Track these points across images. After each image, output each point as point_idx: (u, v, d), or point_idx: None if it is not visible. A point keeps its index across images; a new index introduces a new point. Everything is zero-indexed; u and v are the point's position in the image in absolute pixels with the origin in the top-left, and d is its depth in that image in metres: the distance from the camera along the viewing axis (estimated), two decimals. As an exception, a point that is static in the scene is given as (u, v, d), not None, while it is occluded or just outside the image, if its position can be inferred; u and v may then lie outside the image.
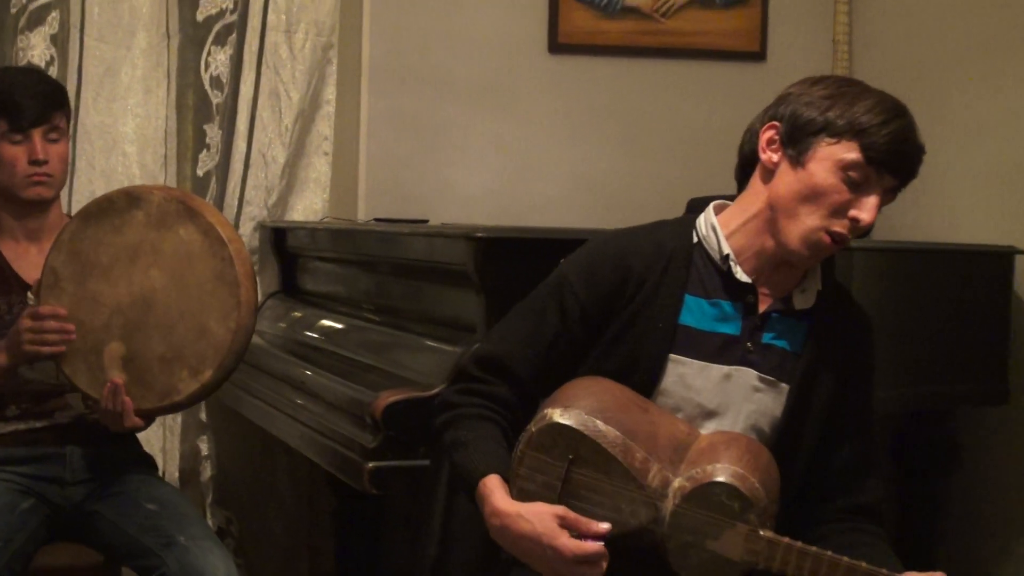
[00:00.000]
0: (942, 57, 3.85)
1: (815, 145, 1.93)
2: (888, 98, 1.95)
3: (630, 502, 1.86)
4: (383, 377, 2.71)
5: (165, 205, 2.57)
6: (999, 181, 3.62)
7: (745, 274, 1.99)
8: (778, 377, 2.00)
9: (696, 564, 1.83)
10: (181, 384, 2.54)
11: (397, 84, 3.92)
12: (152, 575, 2.57)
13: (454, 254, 2.66)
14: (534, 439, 1.90)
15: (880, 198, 1.93)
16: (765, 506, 1.83)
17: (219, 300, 2.53)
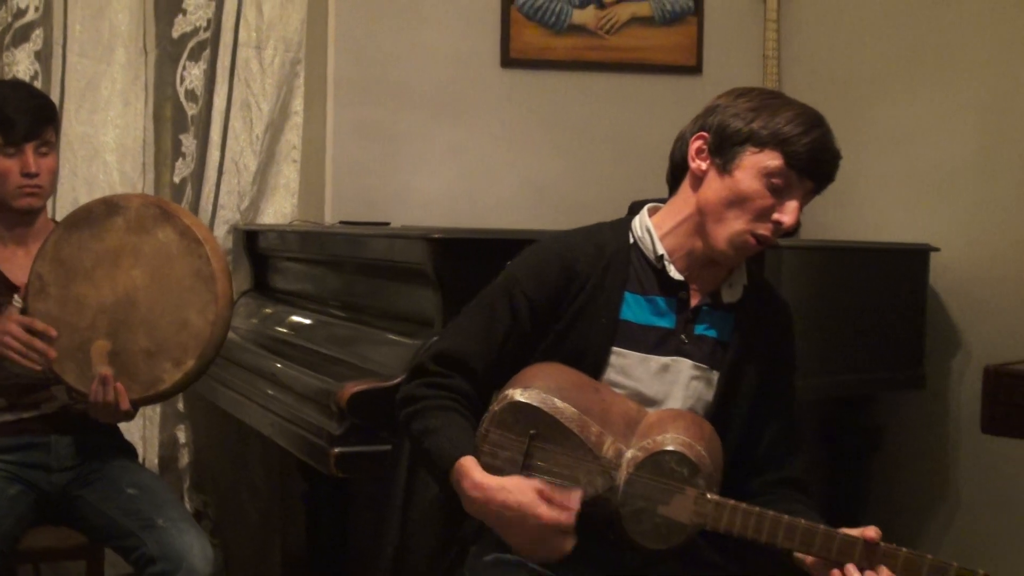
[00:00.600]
0: (863, 70, 3.87)
1: (740, 154, 1.94)
2: (808, 109, 1.96)
3: (587, 472, 1.87)
4: (348, 369, 2.70)
5: (143, 210, 2.59)
6: (916, 184, 3.65)
7: (678, 272, 2.01)
8: (710, 365, 2.02)
9: (649, 528, 1.84)
10: (165, 374, 2.55)
11: (360, 96, 3.91)
12: (133, 555, 2.56)
13: (413, 254, 2.66)
14: (496, 417, 1.91)
15: (800, 201, 1.95)
16: (711, 472, 1.85)
17: (197, 295, 2.54)
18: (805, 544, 1.83)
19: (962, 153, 3.48)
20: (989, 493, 3.42)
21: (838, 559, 1.82)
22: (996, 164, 3.37)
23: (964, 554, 3.47)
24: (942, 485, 3.57)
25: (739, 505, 1.84)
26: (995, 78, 3.39)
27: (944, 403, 3.54)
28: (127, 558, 2.60)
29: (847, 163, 4.07)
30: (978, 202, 3.42)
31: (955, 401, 3.51)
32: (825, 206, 3.95)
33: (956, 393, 3.51)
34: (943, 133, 3.56)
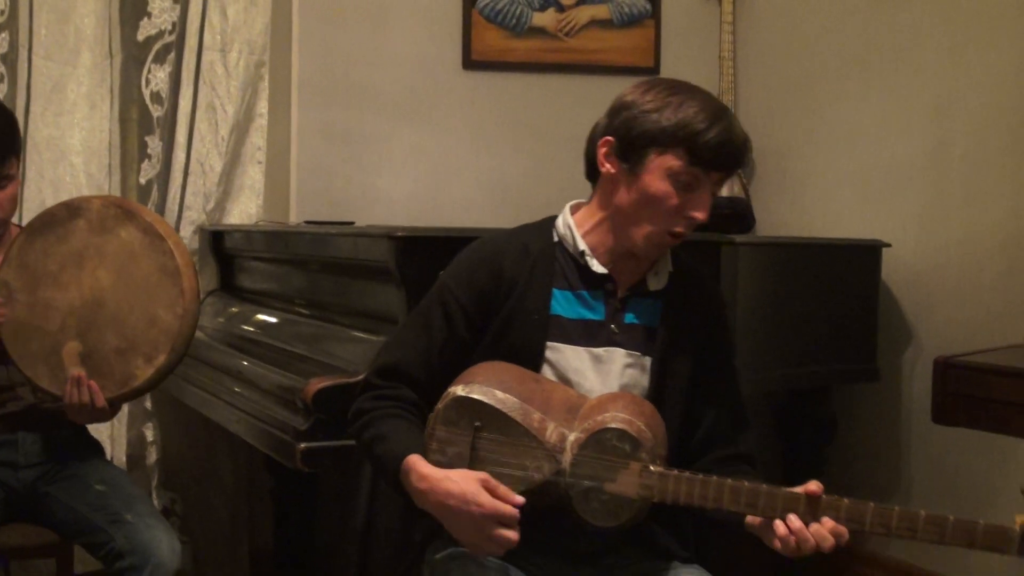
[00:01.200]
0: (817, 71, 3.91)
1: (646, 157, 1.95)
2: (709, 103, 1.97)
3: (534, 459, 1.89)
4: (313, 365, 2.71)
5: (104, 211, 2.58)
6: (868, 182, 3.68)
7: (601, 265, 2.03)
8: (642, 352, 2.03)
9: (598, 507, 1.86)
10: (138, 371, 2.55)
11: (324, 98, 3.92)
12: (102, 550, 2.55)
13: (376, 252, 2.67)
14: (441, 414, 1.93)
15: (711, 192, 1.97)
16: (653, 446, 1.86)
17: (164, 290, 2.54)
18: (750, 505, 1.84)
19: (912, 152, 3.52)
20: (940, 481, 3.46)
21: (784, 516, 1.83)
22: (945, 162, 3.41)
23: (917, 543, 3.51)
24: (895, 474, 3.61)
25: (683, 474, 1.86)
26: (944, 79, 3.43)
27: (896, 395, 3.58)
28: (96, 554, 2.59)
29: (801, 161, 4.13)
30: (928, 199, 3.46)
31: (907, 393, 3.55)
32: (780, 203, 4.02)
33: (908, 385, 3.55)
34: (894, 132, 3.60)
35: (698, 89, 2.00)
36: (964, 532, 1.69)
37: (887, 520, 1.79)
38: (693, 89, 2.00)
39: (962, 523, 1.68)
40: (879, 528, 1.81)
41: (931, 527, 1.71)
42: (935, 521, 1.71)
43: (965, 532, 1.69)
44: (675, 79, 2.03)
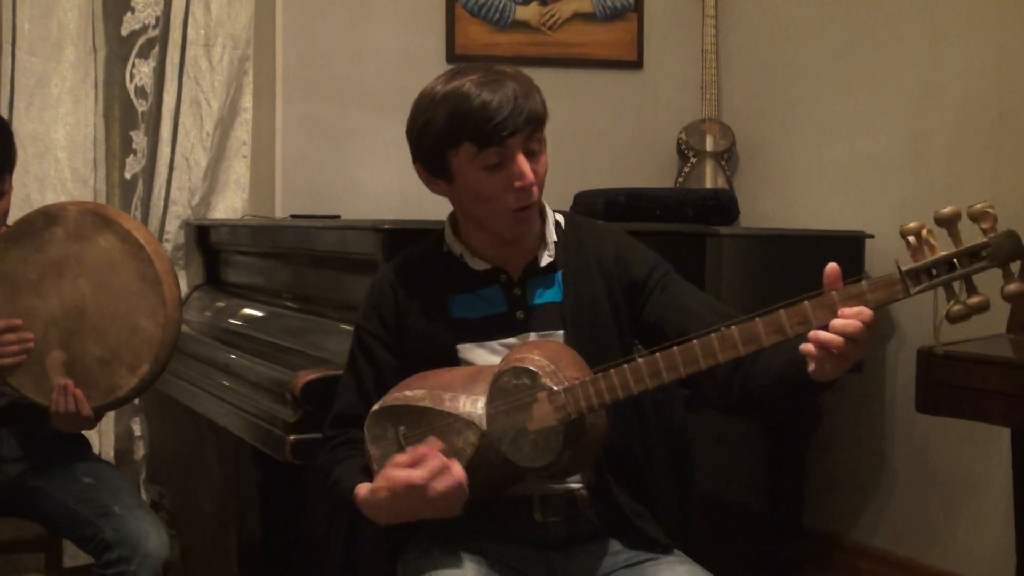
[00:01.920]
0: (799, 65, 3.93)
1: (448, 163, 1.95)
2: (470, 81, 1.91)
3: (456, 433, 1.89)
4: (301, 358, 2.71)
5: (81, 218, 2.57)
6: (851, 174, 3.71)
7: (483, 262, 2.04)
8: (554, 328, 2.02)
9: (530, 449, 1.85)
10: (122, 380, 2.55)
11: (309, 92, 3.92)
12: (90, 543, 2.55)
13: (363, 245, 2.67)
14: (368, 435, 1.96)
15: (525, 153, 1.92)
16: (552, 370, 1.84)
17: (145, 299, 2.53)
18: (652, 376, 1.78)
19: (893, 144, 3.54)
20: (924, 470, 3.49)
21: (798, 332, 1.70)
22: (926, 154, 3.43)
23: (901, 526, 3.54)
24: (879, 464, 3.64)
25: (585, 378, 1.83)
26: (924, 72, 3.45)
27: (880, 385, 3.60)
28: (84, 547, 2.59)
29: (784, 153, 4.14)
30: (909, 190, 3.49)
31: (890, 382, 3.57)
32: (763, 195, 4.03)
33: (892, 375, 3.57)
34: (875, 125, 3.62)
35: (461, 71, 1.95)
36: (854, 299, 1.65)
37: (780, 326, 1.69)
38: (454, 76, 1.95)
39: (848, 291, 1.66)
40: (752, 345, 1.70)
41: (822, 311, 1.66)
42: (823, 304, 1.66)
43: (855, 298, 1.65)
44: (446, 75, 1.98)
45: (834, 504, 3.80)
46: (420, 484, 1.80)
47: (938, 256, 1.61)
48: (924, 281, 1.62)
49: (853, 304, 1.66)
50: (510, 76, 1.93)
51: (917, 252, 1.62)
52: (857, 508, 3.72)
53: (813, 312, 1.68)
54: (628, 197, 3.30)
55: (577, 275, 2.04)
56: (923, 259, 1.62)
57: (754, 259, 3.19)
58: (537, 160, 1.95)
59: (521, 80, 1.94)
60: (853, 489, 3.74)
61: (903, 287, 1.63)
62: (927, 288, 1.62)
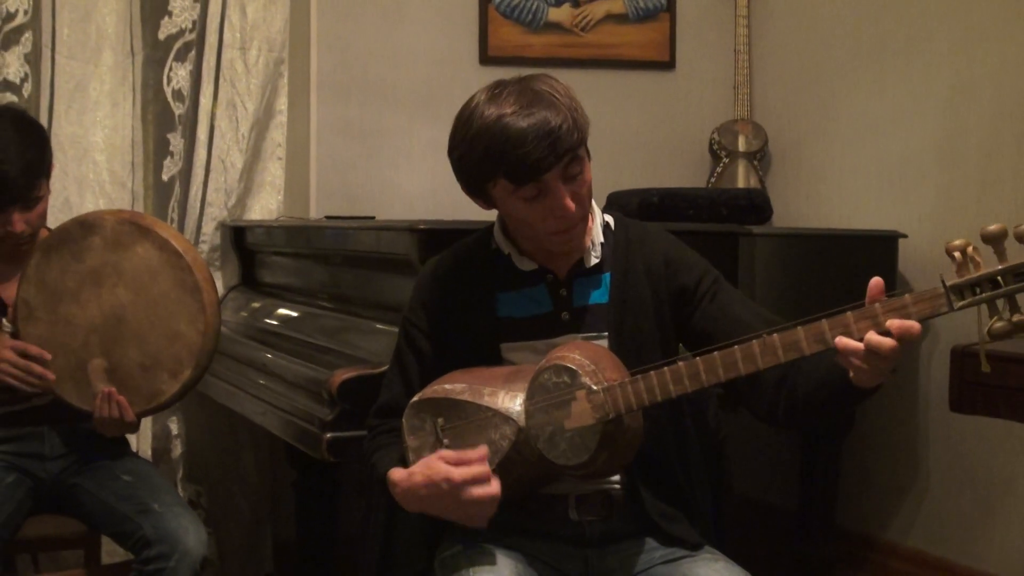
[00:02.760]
0: (832, 63, 3.92)
1: (487, 192, 1.95)
2: (503, 116, 1.87)
3: (494, 428, 1.90)
4: (337, 357, 2.73)
5: (118, 228, 2.60)
6: (884, 173, 3.69)
7: (530, 262, 2.04)
8: (598, 330, 2.02)
9: (566, 447, 1.85)
10: (164, 386, 2.59)
11: (343, 95, 3.94)
12: (130, 539, 2.58)
13: (399, 245, 2.69)
14: (406, 426, 1.98)
15: (564, 185, 1.90)
16: (592, 370, 1.85)
17: (185, 306, 2.57)
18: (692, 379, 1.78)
19: (927, 143, 3.53)
20: (958, 470, 3.47)
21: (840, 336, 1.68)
22: (960, 153, 3.42)
23: (935, 526, 3.53)
24: (913, 464, 3.62)
25: (625, 380, 1.83)
26: (958, 70, 3.44)
27: (914, 384, 3.59)
28: (124, 543, 2.63)
29: (817, 153, 4.14)
30: (943, 190, 3.47)
31: (924, 382, 3.56)
32: (796, 195, 4.03)
33: (925, 375, 3.56)
34: (909, 123, 3.61)
35: (499, 94, 1.91)
36: (896, 311, 1.65)
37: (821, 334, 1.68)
38: (491, 101, 1.90)
39: (891, 303, 1.66)
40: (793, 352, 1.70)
41: (864, 322, 1.64)
42: (866, 315, 1.64)
43: (898, 311, 1.65)
44: (486, 96, 1.93)
45: (867, 504, 3.79)
46: (458, 482, 1.82)
47: (983, 272, 1.61)
48: (968, 297, 1.61)
49: (895, 317, 1.65)
50: (547, 100, 1.88)
51: (962, 268, 1.62)
52: (891, 508, 3.71)
53: (855, 323, 1.68)
54: (661, 197, 3.30)
55: (625, 278, 2.04)
56: (968, 275, 1.62)
57: (787, 259, 3.19)
58: (578, 181, 1.93)
59: (559, 102, 1.89)
60: (887, 489, 3.73)
61: (947, 301, 1.63)
62: (971, 304, 1.61)
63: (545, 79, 1.95)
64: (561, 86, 1.94)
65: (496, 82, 1.97)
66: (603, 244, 2.06)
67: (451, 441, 1.92)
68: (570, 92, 1.94)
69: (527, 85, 1.92)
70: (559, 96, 1.90)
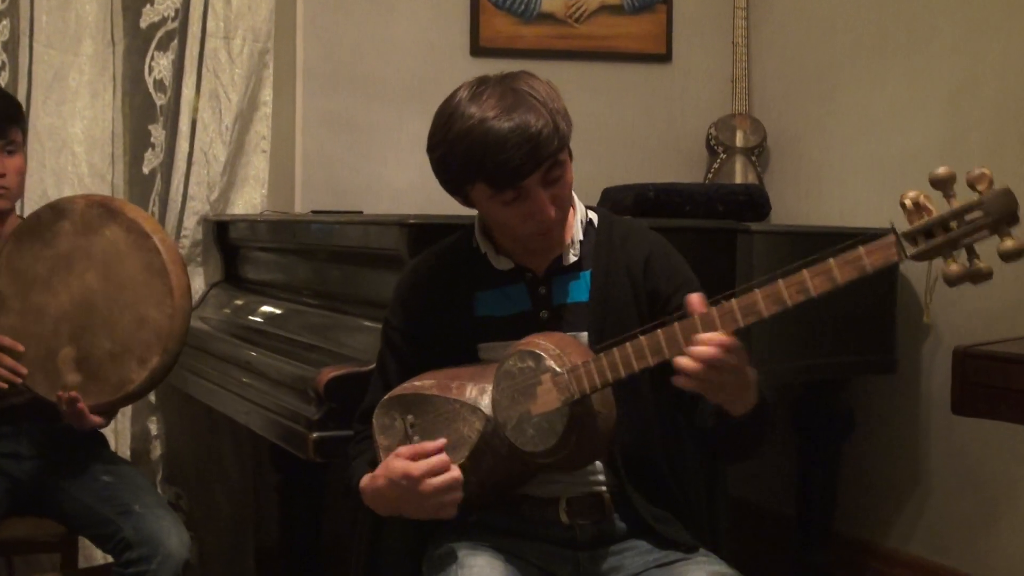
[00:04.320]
0: (833, 58, 3.94)
1: (467, 193, 1.98)
2: (488, 112, 1.88)
3: (462, 420, 1.93)
4: (324, 355, 2.74)
5: (88, 211, 2.61)
6: (885, 170, 3.71)
7: (508, 260, 2.06)
8: (578, 329, 2.03)
9: (534, 433, 1.87)
10: (132, 374, 2.58)
11: (330, 86, 3.95)
12: (110, 542, 2.59)
13: (387, 240, 2.70)
14: (376, 425, 2.01)
15: (544, 189, 1.93)
16: (557, 353, 1.87)
17: (152, 289, 2.57)
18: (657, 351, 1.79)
19: (929, 140, 3.54)
20: (961, 475, 3.49)
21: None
22: (963, 149, 3.43)
23: (937, 532, 3.55)
24: (914, 468, 3.64)
25: (589, 360, 1.84)
26: (962, 64, 3.46)
27: (915, 386, 3.60)
28: (104, 546, 2.63)
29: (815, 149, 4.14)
30: (946, 187, 3.49)
31: (926, 384, 3.58)
32: (794, 191, 4.05)
33: (927, 376, 3.57)
34: (911, 120, 3.62)
35: (480, 92, 1.93)
36: (850, 264, 1.67)
37: (778, 295, 1.71)
38: (473, 99, 1.92)
39: (844, 257, 1.68)
40: (775, 306, 1.72)
41: (819, 278, 1.68)
42: (820, 271, 1.68)
43: (852, 264, 1.67)
44: (468, 93, 1.94)
45: (867, 509, 3.80)
46: (416, 476, 1.85)
47: (933, 218, 1.61)
48: (921, 243, 1.62)
49: (850, 268, 1.67)
50: (528, 103, 1.89)
51: (913, 215, 1.63)
52: (891, 513, 3.73)
53: (811, 279, 1.69)
54: (657, 192, 3.32)
55: (606, 276, 2.06)
56: (917, 221, 1.62)
57: (785, 257, 3.18)
58: (559, 184, 1.95)
59: (541, 105, 1.90)
60: (887, 493, 3.74)
61: (899, 249, 1.63)
62: (924, 252, 1.62)
63: (527, 79, 1.97)
64: (543, 86, 1.96)
65: (479, 79, 1.98)
66: (583, 241, 2.08)
67: (420, 437, 1.95)
68: (553, 92, 1.96)
69: (509, 85, 1.93)
70: (541, 98, 1.92)
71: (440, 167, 1.98)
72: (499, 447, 1.92)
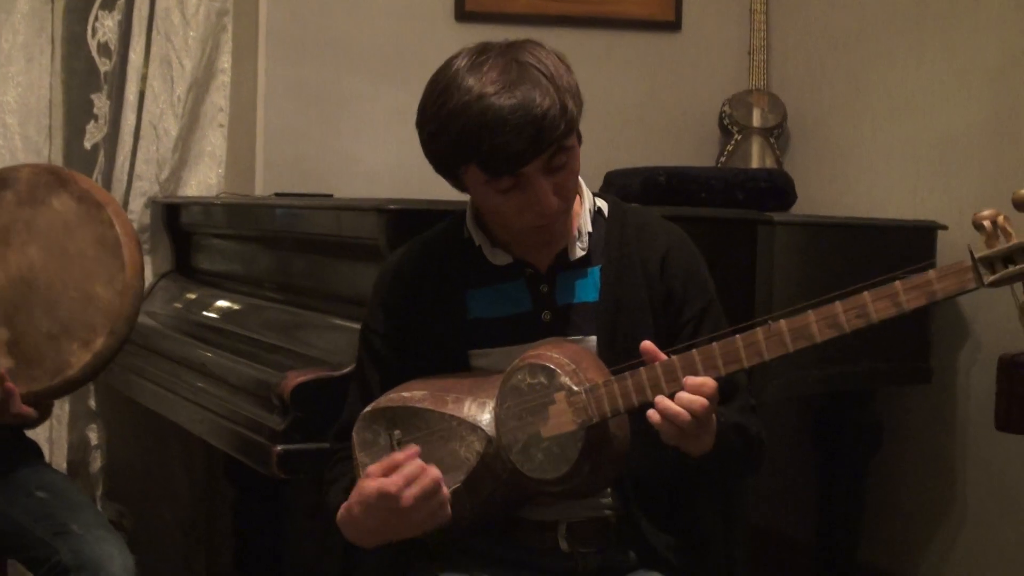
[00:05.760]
0: (863, 27, 3.92)
1: (460, 175, 1.95)
2: (488, 85, 1.85)
3: (459, 438, 1.90)
4: (289, 357, 2.71)
5: (34, 179, 2.61)
6: (921, 156, 3.70)
7: (506, 255, 2.03)
8: (585, 332, 2.01)
9: (543, 458, 1.84)
10: (72, 358, 2.56)
11: (297, 52, 3.93)
12: (43, 567, 2.53)
13: (363, 228, 2.67)
14: (357, 440, 1.97)
15: (546, 177, 1.90)
16: (573, 369, 1.83)
17: (103, 265, 2.56)
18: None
19: (972, 122, 3.54)
20: (1002, 497, 3.48)
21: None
22: (1009, 134, 3.43)
23: (974, 564, 3.54)
24: (949, 488, 3.63)
25: (609, 379, 1.82)
26: (1008, 38, 3.44)
27: (952, 398, 3.59)
28: (37, 570, 2.58)
29: (844, 131, 4.12)
30: (989, 175, 3.48)
31: (964, 395, 3.57)
32: (819, 178, 4.03)
33: (965, 387, 3.56)
34: (951, 99, 3.61)
35: (481, 62, 1.88)
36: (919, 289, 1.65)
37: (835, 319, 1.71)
38: (472, 69, 1.88)
39: (912, 281, 1.66)
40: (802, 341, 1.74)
41: (882, 302, 1.66)
42: (884, 294, 1.66)
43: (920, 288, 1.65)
44: (467, 61, 1.91)
45: (895, 536, 3.80)
46: (394, 493, 1.81)
47: (1015, 243, 1.62)
48: (999, 270, 1.62)
49: (918, 294, 1.65)
50: (534, 78, 1.85)
51: (992, 239, 1.63)
52: (922, 542, 3.72)
53: (873, 304, 1.68)
54: (669, 177, 3.29)
55: (619, 272, 2.03)
56: (998, 246, 1.62)
57: (809, 252, 3.18)
58: (564, 172, 1.92)
59: (550, 81, 1.86)
60: (917, 520, 3.74)
61: (975, 276, 1.64)
62: (1003, 278, 1.62)
63: (534, 49, 1.92)
64: (552, 59, 1.91)
65: (481, 46, 1.94)
66: (591, 234, 2.05)
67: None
68: (562, 67, 1.92)
69: (513, 56, 1.89)
70: (549, 73, 1.87)
71: (430, 144, 1.94)
72: (500, 471, 1.88)
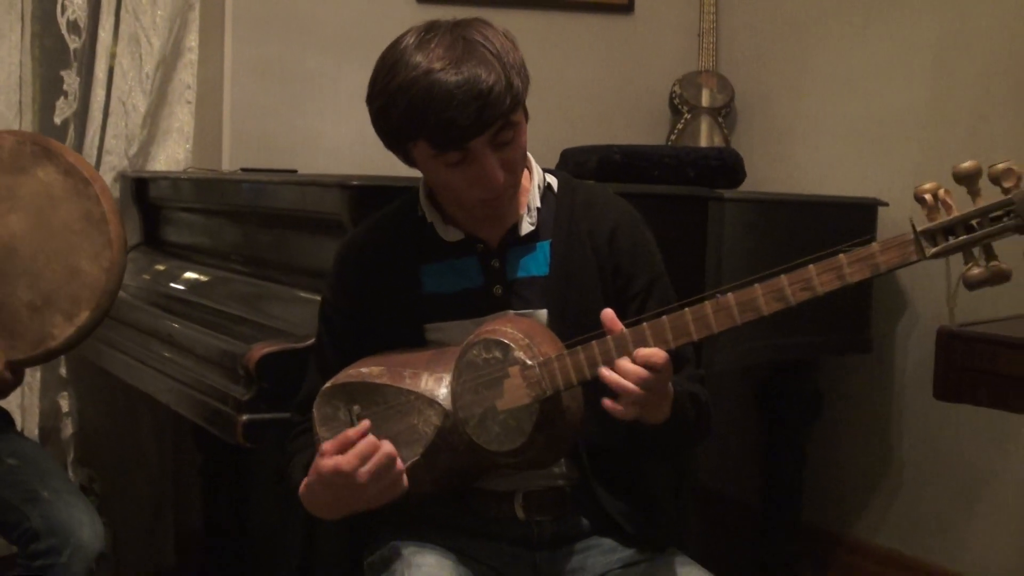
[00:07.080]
0: (809, 11, 3.91)
1: (408, 150, 1.92)
2: (435, 62, 1.82)
3: (417, 412, 1.88)
4: (254, 329, 2.67)
5: (19, 148, 2.57)
6: (863, 133, 3.70)
7: (457, 231, 2.00)
8: (536, 306, 1.99)
9: (499, 430, 1.82)
10: (56, 329, 2.54)
11: (262, 31, 3.88)
12: (14, 532, 2.50)
13: (327, 204, 2.63)
14: (317, 416, 1.95)
15: (493, 152, 1.87)
16: (527, 343, 1.82)
17: (89, 240, 2.53)
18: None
19: (912, 101, 3.53)
20: (936, 461, 3.50)
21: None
22: (948, 112, 3.42)
23: (910, 525, 3.55)
24: (887, 453, 3.64)
25: (563, 353, 1.80)
26: (947, 22, 3.44)
27: (890, 367, 3.61)
28: (7, 535, 2.54)
29: (789, 110, 4.11)
30: (929, 153, 3.47)
31: (901, 365, 3.58)
32: (764, 156, 4.02)
33: (903, 357, 3.57)
34: (892, 80, 3.61)
35: (428, 39, 1.86)
36: (863, 262, 1.64)
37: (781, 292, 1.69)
38: (420, 47, 1.85)
39: (856, 254, 1.64)
40: (750, 314, 1.72)
41: (827, 275, 1.64)
42: (829, 267, 1.65)
43: (864, 261, 1.64)
44: (415, 39, 1.87)
45: (836, 498, 3.80)
46: (348, 471, 1.79)
47: (956, 216, 1.60)
48: (941, 243, 1.61)
49: (861, 267, 1.64)
50: (480, 55, 1.82)
51: (933, 212, 1.61)
52: (861, 503, 3.73)
53: (818, 276, 1.67)
54: (624, 154, 3.26)
55: (567, 247, 2.01)
56: (940, 219, 1.61)
57: (754, 227, 3.17)
58: (511, 147, 1.89)
59: (496, 58, 1.83)
60: (856, 482, 3.75)
61: (917, 248, 1.62)
62: (944, 251, 1.61)
63: (481, 27, 1.90)
64: (499, 37, 1.89)
65: (428, 24, 1.91)
66: (540, 209, 2.03)
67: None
68: (509, 44, 1.89)
69: (460, 34, 1.86)
70: (495, 50, 1.85)
71: (379, 120, 1.91)
72: (457, 444, 1.86)
